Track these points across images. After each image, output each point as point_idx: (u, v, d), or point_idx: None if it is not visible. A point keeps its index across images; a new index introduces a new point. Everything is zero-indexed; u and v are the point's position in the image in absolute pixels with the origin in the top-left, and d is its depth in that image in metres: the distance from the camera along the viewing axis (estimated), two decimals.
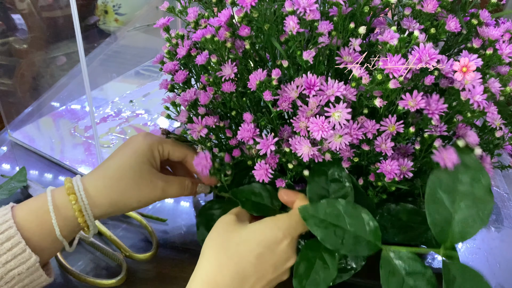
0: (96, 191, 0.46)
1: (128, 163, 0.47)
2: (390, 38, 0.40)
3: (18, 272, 0.42)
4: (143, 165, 0.48)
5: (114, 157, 0.49)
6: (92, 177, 0.47)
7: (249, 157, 0.47)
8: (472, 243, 0.59)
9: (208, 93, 0.47)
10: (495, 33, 0.44)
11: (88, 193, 0.45)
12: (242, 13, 0.43)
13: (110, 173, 0.47)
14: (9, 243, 0.42)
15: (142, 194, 0.48)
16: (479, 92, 0.39)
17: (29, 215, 0.44)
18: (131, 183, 0.47)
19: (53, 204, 0.44)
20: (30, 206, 0.45)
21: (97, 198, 0.46)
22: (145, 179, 0.48)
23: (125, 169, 0.47)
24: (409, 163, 0.43)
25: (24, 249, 0.42)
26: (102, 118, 0.83)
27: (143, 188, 0.48)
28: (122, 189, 0.47)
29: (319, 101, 0.41)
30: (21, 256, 0.42)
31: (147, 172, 0.48)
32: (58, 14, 0.86)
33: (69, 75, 0.94)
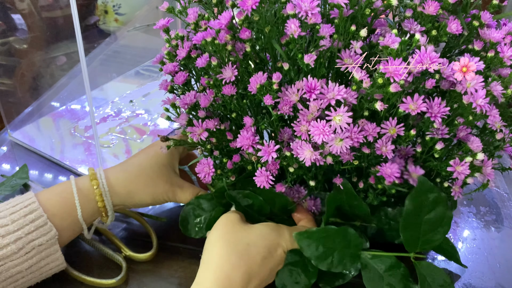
0: (117, 180, 0.51)
1: (149, 163, 0.53)
2: (391, 42, 0.39)
3: (39, 243, 0.45)
4: (162, 167, 0.53)
5: (137, 156, 0.54)
6: (114, 170, 0.52)
7: (249, 162, 0.47)
8: (472, 243, 0.60)
9: (209, 96, 0.47)
10: (496, 36, 0.44)
11: (109, 181, 0.50)
12: (243, 16, 0.43)
13: (131, 168, 0.52)
14: (32, 215, 0.45)
15: (157, 192, 0.52)
16: (482, 96, 0.39)
17: (53, 196, 0.48)
18: (148, 179, 0.52)
19: (76, 187, 0.49)
20: (53, 190, 0.49)
21: (117, 187, 0.50)
22: (161, 179, 0.52)
23: (145, 167, 0.52)
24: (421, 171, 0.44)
25: (46, 221, 0.46)
26: (102, 118, 0.83)
27: (158, 186, 0.52)
28: (139, 183, 0.51)
29: (319, 104, 0.40)
30: (42, 228, 0.45)
31: (165, 173, 0.53)
32: (58, 14, 0.86)
33: (69, 75, 0.94)
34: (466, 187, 0.48)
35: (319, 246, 0.46)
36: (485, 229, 0.62)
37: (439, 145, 0.42)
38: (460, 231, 0.62)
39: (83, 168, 0.71)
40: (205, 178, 0.48)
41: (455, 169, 0.42)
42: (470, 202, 0.67)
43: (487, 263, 0.56)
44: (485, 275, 0.55)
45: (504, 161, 0.68)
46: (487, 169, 0.43)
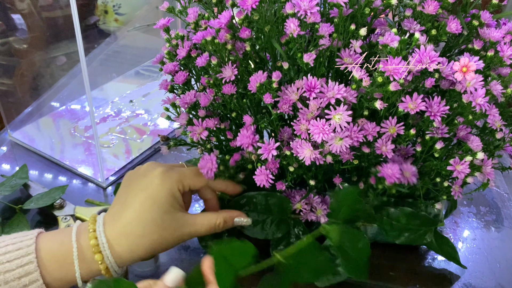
0: (121, 249, 0.44)
1: (150, 217, 0.44)
2: (390, 41, 0.39)
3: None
4: (165, 215, 0.45)
5: (132, 205, 0.45)
6: (115, 232, 0.44)
7: (249, 161, 0.47)
8: (472, 243, 0.59)
9: (208, 95, 0.47)
10: (496, 35, 0.44)
11: (113, 250, 0.44)
12: (243, 15, 0.43)
13: (133, 229, 0.44)
14: (27, 279, 0.41)
15: (169, 243, 0.46)
16: (481, 95, 0.39)
17: (53, 258, 0.43)
18: (156, 237, 0.45)
19: (78, 257, 0.43)
20: (54, 250, 0.43)
21: (123, 254, 0.44)
22: (169, 230, 0.45)
23: (148, 224, 0.44)
24: (413, 168, 0.43)
25: (40, 287, 0.42)
26: (102, 118, 0.83)
27: (168, 238, 0.45)
28: (146, 245, 0.45)
29: (319, 103, 0.40)
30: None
31: (171, 221, 0.45)
32: (58, 14, 0.86)
33: (69, 75, 0.94)
34: (466, 187, 0.48)
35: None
36: (485, 229, 0.62)
37: (439, 144, 0.42)
38: (460, 231, 0.62)
39: (83, 168, 0.71)
40: (208, 174, 0.47)
41: (455, 168, 0.42)
42: (470, 202, 0.67)
43: (487, 263, 0.56)
44: (485, 275, 0.55)
45: (504, 161, 0.68)
46: (487, 168, 0.43)
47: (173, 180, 0.46)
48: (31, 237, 0.43)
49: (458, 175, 0.42)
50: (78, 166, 0.71)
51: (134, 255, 0.44)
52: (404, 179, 0.43)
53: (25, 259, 0.42)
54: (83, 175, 0.70)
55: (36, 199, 0.61)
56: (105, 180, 0.68)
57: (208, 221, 0.47)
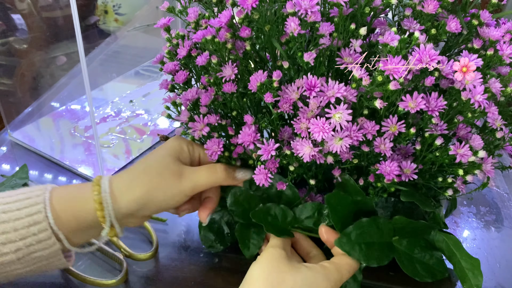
0: (119, 184, 0.45)
1: (154, 158, 0.46)
2: (390, 40, 0.39)
3: (40, 255, 0.43)
4: (168, 158, 0.46)
5: (145, 156, 0.48)
6: (119, 173, 0.46)
7: (251, 156, 0.47)
8: (472, 243, 0.59)
9: (209, 94, 0.47)
10: (495, 34, 0.44)
11: (111, 186, 0.44)
12: (243, 14, 0.43)
13: (136, 166, 0.46)
14: (36, 228, 0.42)
15: (168, 185, 0.45)
16: (480, 92, 0.39)
17: (66, 203, 0.44)
18: (155, 173, 0.45)
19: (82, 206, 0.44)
20: (69, 196, 0.44)
21: (120, 194, 0.44)
22: (169, 170, 0.45)
23: (151, 163, 0.46)
24: (413, 165, 0.43)
25: (49, 236, 0.43)
26: (102, 118, 0.83)
27: (168, 178, 0.45)
28: (145, 181, 0.45)
29: (319, 102, 0.40)
30: (45, 242, 0.43)
31: (173, 164, 0.46)
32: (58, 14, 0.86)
33: (69, 75, 0.94)
34: (466, 186, 0.48)
35: (361, 245, 0.45)
36: (485, 229, 0.62)
37: (438, 141, 0.42)
38: (460, 231, 0.62)
39: (83, 168, 0.71)
40: (212, 156, 0.47)
41: (457, 152, 0.42)
42: (470, 202, 0.67)
43: (487, 263, 0.56)
44: (485, 275, 0.54)
45: (504, 160, 0.68)
46: (487, 166, 0.43)
47: (186, 140, 0.49)
48: (41, 188, 0.44)
49: (461, 159, 0.42)
50: (78, 166, 0.71)
51: (131, 193, 0.44)
52: (404, 176, 0.43)
53: (34, 208, 0.42)
54: (83, 175, 0.70)
55: None
56: None
57: (208, 167, 0.48)
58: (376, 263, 0.46)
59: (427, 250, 0.50)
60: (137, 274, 0.53)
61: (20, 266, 0.43)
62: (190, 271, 0.53)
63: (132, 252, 0.54)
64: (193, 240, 0.58)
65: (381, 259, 0.46)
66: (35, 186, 0.45)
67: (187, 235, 0.59)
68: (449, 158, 0.43)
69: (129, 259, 0.54)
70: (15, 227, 0.42)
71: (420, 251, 0.50)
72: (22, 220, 0.42)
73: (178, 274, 0.53)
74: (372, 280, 0.53)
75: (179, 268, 0.54)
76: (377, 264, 0.46)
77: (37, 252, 0.43)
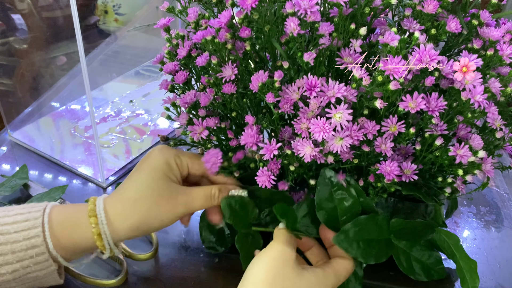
0: (115, 214, 0.44)
1: (146, 182, 0.45)
2: (390, 40, 0.39)
3: (36, 275, 0.43)
4: (160, 181, 0.46)
5: (132, 176, 0.47)
6: (112, 199, 0.45)
7: (251, 159, 0.47)
8: (472, 243, 0.59)
9: (209, 95, 0.47)
10: (495, 34, 0.44)
11: (107, 215, 0.44)
12: (243, 14, 0.43)
13: (128, 194, 0.45)
14: (34, 252, 0.42)
15: (163, 213, 0.46)
16: (480, 92, 0.39)
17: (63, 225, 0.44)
18: (150, 202, 0.45)
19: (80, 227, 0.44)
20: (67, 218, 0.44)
21: (116, 220, 0.44)
22: (164, 196, 0.45)
23: (143, 189, 0.45)
24: (413, 165, 0.43)
25: (46, 259, 0.43)
26: (102, 118, 0.83)
27: (163, 206, 0.45)
28: (141, 210, 0.45)
29: (320, 102, 0.41)
30: (42, 264, 0.43)
31: (166, 188, 0.46)
32: (58, 14, 0.86)
33: (69, 75, 0.94)
34: (466, 186, 0.48)
35: (359, 242, 0.45)
36: (485, 229, 0.62)
37: (438, 141, 0.42)
38: (460, 231, 0.62)
39: (83, 168, 0.71)
40: (212, 168, 0.47)
41: (457, 153, 0.42)
42: (470, 202, 0.67)
43: (487, 263, 0.56)
44: (485, 275, 0.55)
45: (504, 160, 0.68)
46: (487, 166, 0.43)
47: (171, 152, 0.48)
48: (39, 209, 0.44)
49: (461, 160, 0.42)
50: (78, 166, 0.71)
51: (127, 222, 0.44)
52: (404, 177, 0.43)
53: (32, 231, 0.42)
54: (83, 175, 0.70)
55: (36, 199, 0.61)
56: (105, 180, 0.68)
57: (204, 191, 0.47)
58: (374, 260, 0.46)
59: (427, 249, 0.50)
60: (137, 274, 0.53)
61: (15, 284, 0.43)
62: (190, 271, 0.53)
63: (132, 252, 0.54)
64: (193, 240, 0.58)
65: (379, 256, 0.46)
66: (32, 206, 0.45)
67: (187, 235, 0.59)
68: (448, 159, 0.43)
69: (129, 259, 0.54)
70: (13, 250, 0.42)
71: (420, 250, 0.50)
72: (19, 243, 0.42)
73: (178, 274, 0.53)
74: (372, 280, 0.53)
75: (179, 268, 0.54)
76: (375, 261, 0.46)
77: (34, 273, 0.43)
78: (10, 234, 0.42)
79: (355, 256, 0.45)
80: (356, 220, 0.46)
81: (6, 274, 0.42)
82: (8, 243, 0.42)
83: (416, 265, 0.49)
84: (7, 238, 0.42)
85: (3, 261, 0.41)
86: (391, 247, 0.48)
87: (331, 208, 0.46)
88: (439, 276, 0.50)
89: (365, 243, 0.45)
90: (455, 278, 0.53)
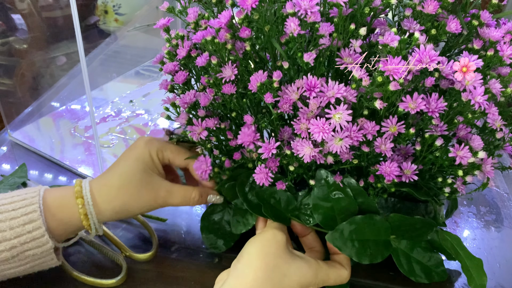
0: (100, 197, 0.48)
1: (130, 171, 0.49)
2: (390, 40, 0.39)
3: (33, 253, 0.45)
4: (144, 173, 0.49)
5: (118, 163, 0.50)
6: (98, 183, 0.49)
7: (250, 159, 0.47)
8: (472, 243, 0.60)
9: (208, 95, 0.47)
10: (496, 34, 0.44)
11: (93, 198, 0.48)
12: (243, 15, 0.43)
13: (113, 181, 0.49)
14: (31, 226, 0.44)
15: (143, 202, 0.49)
16: (480, 93, 0.39)
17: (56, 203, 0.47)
18: (132, 191, 0.49)
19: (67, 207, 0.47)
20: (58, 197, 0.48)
21: (101, 205, 0.48)
22: (146, 187, 0.49)
23: (127, 177, 0.49)
24: (413, 166, 0.43)
25: (43, 234, 0.45)
26: (102, 118, 0.83)
27: (144, 195, 0.49)
28: (123, 197, 0.48)
29: (319, 102, 0.40)
30: (39, 240, 0.45)
31: (149, 180, 0.49)
32: (58, 14, 0.86)
33: (69, 75, 0.94)
34: (466, 187, 0.48)
35: (354, 241, 0.45)
36: (485, 229, 0.62)
37: (438, 141, 0.42)
38: (460, 231, 0.62)
39: (83, 168, 0.71)
40: (203, 175, 0.48)
41: (457, 154, 0.42)
42: (470, 202, 0.67)
43: (487, 263, 0.56)
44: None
45: (504, 160, 0.68)
46: (486, 166, 0.43)
47: (155, 146, 0.51)
48: (35, 190, 0.47)
49: (461, 161, 0.42)
50: (78, 166, 0.71)
51: (111, 205, 0.48)
52: (404, 177, 0.43)
53: (29, 208, 0.45)
54: (83, 175, 0.70)
55: None
56: None
57: (184, 192, 0.51)
58: (368, 260, 0.46)
59: (427, 251, 0.50)
60: (137, 274, 0.53)
61: (14, 265, 0.45)
62: (190, 271, 0.53)
63: (132, 252, 0.54)
64: (193, 240, 0.58)
65: (374, 256, 0.46)
66: (27, 189, 0.48)
67: (187, 235, 0.59)
68: (448, 160, 0.43)
69: (129, 259, 0.54)
70: (11, 226, 0.44)
71: (420, 252, 0.50)
72: (17, 219, 0.44)
73: (178, 274, 0.53)
74: (372, 280, 0.53)
75: (179, 268, 0.54)
76: (369, 261, 0.46)
77: (31, 250, 0.45)
78: (8, 212, 0.44)
79: (349, 255, 0.45)
80: (351, 220, 0.46)
81: (4, 251, 0.43)
82: (7, 220, 0.44)
83: (416, 266, 0.49)
84: (5, 216, 0.44)
85: (2, 238, 0.43)
86: (388, 249, 0.48)
87: (328, 207, 0.47)
88: (440, 279, 0.50)
89: (361, 243, 0.46)
90: (455, 279, 0.53)
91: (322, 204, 0.47)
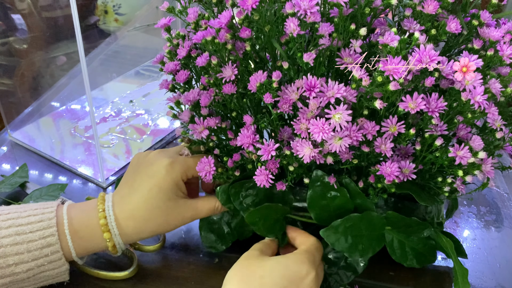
0: (128, 230, 0.48)
1: (156, 203, 0.48)
2: (390, 40, 0.39)
3: (49, 274, 0.46)
4: (169, 202, 0.49)
5: (139, 191, 0.49)
6: (123, 214, 0.48)
7: (249, 160, 0.47)
8: (472, 243, 0.59)
9: (209, 94, 0.47)
10: (496, 34, 0.44)
11: (121, 231, 0.48)
12: (243, 15, 0.43)
13: (140, 213, 0.48)
14: (48, 250, 0.45)
15: (171, 227, 0.50)
16: (480, 93, 0.39)
17: (79, 230, 0.47)
18: (160, 221, 0.49)
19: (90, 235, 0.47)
20: (81, 223, 0.47)
21: (129, 235, 0.49)
22: (172, 215, 0.49)
23: (153, 210, 0.48)
24: (411, 165, 0.43)
25: (60, 258, 0.46)
26: (102, 118, 0.83)
27: (171, 222, 0.50)
28: (152, 227, 0.49)
29: (319, 102, 0.40)
30: (55, 263, 0.46)
31: (175, 207, 0.49)
32: (58, 14, 0.86)
33: (69, 75, 0.94)
34: (467, 187, 0.48)
35: (347, 237, 0.46)
36: (485, 229, 0.62)
37: (438, 141, 0.42)
38: (460, 231, 0.62)
39: (83, 168, 0.71)
40: (206, 177, 0.48)
41: (456, 154, 0.42)
42: (470, 202, 0.67)
43: (487, 263, 0.56)
44: (485, 275, 0.55)
45: (504, 160, 0.68)
46: (486, 166, 0.43)
47: (178, 171, 0.49)
48: (52, 210, 0.47)
49: (461, 161, 0.42)
50: (78, 166, 0.71)
51: (139, 236, 0.49)
52: (403, 176, 0.43)
53: (47, 231, 0.45)
54: (83, 175, 0.70)
55: (34, 195, 0.61)
56: (105, 180, 0.68)
57: (208, 204, 0.51)
58: (359, 255, 0.46)
59: (422, 239, 0.50)
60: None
61: (28, 283, 0.45)
62: (190, 271, 0.53)
63: (141, 244, 0.55)
64: (193, 240, 0.58)
65: (365, 251, 0.47)
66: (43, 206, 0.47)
67: (187, 235, 0.59)
68: (448, 160, 0.43)
69: (137, 251, 0.55)
70: (29, 249, 0.44)
71: (415, 240, 0.50)
72: (35, 242, 0.44)
73: (178, 274, 0.53)
74: (372, 280, 0.53)
75: (179, 268, 0.54)
76: (360, 256, 0.46)
77: (47, 272, 0.46)
78: (26, 234, 0.44)
79: (341, 250, 0.46)
80: (347, 218, 0.46)
81: (21, 273, 0.44)
82: (24, 243, 0.44)
83: (409, 251, 0.50)
84: (23, 238, 0.44)
85: (19, 260, 0.44)
86: (381, 243, 0.48)
87: (323, 205, 0.47)
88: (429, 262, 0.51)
89: (354, 238, 0.46)
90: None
91: (317, 202, 0.47)
